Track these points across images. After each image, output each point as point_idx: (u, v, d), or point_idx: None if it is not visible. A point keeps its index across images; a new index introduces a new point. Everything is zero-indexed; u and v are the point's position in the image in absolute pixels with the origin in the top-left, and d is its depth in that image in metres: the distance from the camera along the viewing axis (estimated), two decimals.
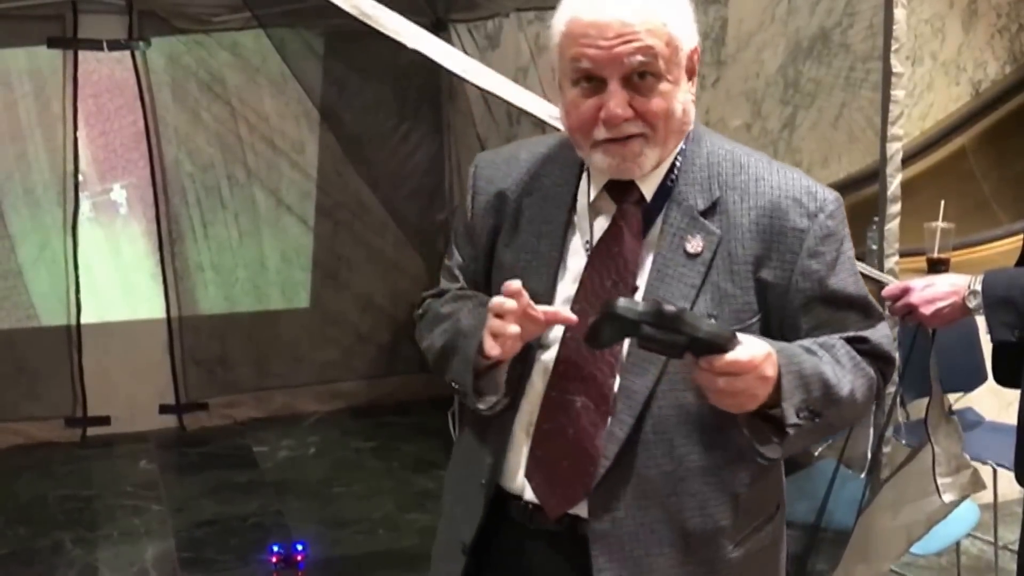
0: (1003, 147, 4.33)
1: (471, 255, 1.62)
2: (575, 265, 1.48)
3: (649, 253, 1.45)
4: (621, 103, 1.37)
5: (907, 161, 2.74)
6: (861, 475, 2.64)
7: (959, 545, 3.22)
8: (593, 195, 1.49)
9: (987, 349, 2.29)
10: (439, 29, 4.89)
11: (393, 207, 5.17)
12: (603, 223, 1.48)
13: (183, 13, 4.96)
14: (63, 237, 4.94)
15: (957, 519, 2.58)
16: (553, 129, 2.06)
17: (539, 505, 1.48)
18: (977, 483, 2.32)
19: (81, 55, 4.87)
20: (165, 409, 5.22)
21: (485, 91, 2.38)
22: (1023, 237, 2.68)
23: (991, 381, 2.18)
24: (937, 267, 3.11)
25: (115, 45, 4.90)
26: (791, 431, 1.35)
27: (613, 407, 1.43)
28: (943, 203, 3.11)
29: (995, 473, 2.97)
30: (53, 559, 3.78)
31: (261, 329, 5.38)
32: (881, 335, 1.50)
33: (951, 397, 2.76)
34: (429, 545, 1.69)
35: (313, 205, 5.39)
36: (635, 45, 1.35)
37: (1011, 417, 2.11)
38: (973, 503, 2.75)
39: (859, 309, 1.49)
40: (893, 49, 2.47)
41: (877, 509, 2.39)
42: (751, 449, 1.39)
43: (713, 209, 1.44)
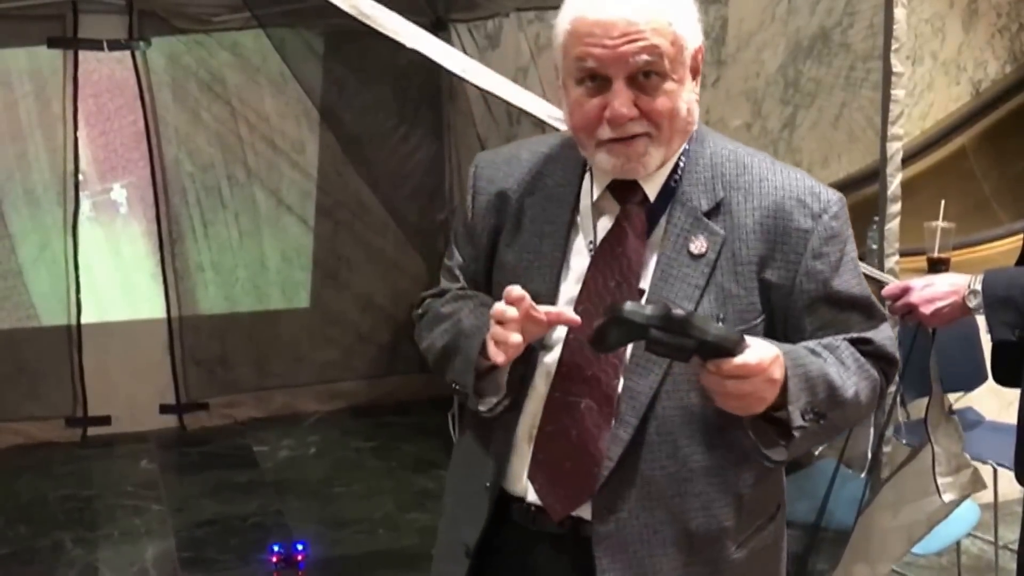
0: (1003, 147, 4.33)
1: (471, 255, 1.61)
2: (578, 265, 1.47)
3: (653, 254, 1.44)
4: (626, 102, 1.36)
5: (907, 161, 2.75)
6: (861, 475, 2.65)
7: (959, 545, 3.22)
8: (596, 195, 1.48)
9: (987, 349, 2.28)
10: (439, 29, 4.89)
11: (393, 207, 5.17)
12: (606, 223, 1.47)
13: (183, 13, 4.95)
14: (63, 237, 4.94)
15: (957, 519, 2.58)
16: (553, 129, 2.06)
17: (542, 507, 1.47)
18: (977, 483, 2.32)
19: (81, 55, 4.87)
20: (165, 409, 5.21)
21: (485, 91, 2.37)
22: (1023, 237, 2.68)
23: (991, 381, 2.18)
24: (937, 267, 3.10)
25: (115, 45, 4.90)
26: (797, 433, 1.35)
27: (617, 408, 1.42)
28: (943, 203, 3.11)
29: (995, 473, 2.97)
30: (53, 559, 3.78)
31: (261, 329, 5.38)
32: (884, 336, 1.50)
33: (951, 397, 2.75)
34: (429, 545, 1.69)
35: (313, 205, 5.38)
36: (640, 44, 1.34)
37: (1011, 417, 2.11)
38: (973, 503, 2.76)
39: (862, 310, 1.48)
40: (893, 49, 2.47)
41: (877, 509, 2.39)
42: (756, 453, 1.38)
43: (717, 210, 1.43)
